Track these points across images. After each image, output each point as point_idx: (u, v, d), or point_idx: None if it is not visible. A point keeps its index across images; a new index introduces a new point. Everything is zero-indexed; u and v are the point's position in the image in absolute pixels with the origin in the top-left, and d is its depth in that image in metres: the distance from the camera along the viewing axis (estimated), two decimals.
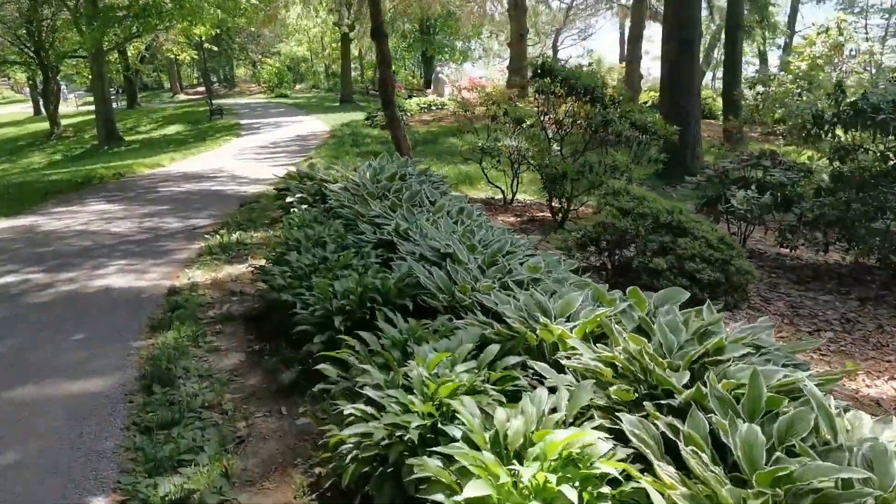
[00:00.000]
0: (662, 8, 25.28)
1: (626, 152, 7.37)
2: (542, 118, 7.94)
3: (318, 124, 27.31)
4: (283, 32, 56.85)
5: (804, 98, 16.56)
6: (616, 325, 3.00)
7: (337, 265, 4.84)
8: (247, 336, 5.27)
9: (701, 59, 16.68)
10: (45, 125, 36.79)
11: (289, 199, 7.49)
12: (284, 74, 59.93)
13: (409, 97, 37.47)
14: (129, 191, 12.34)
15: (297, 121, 29.99)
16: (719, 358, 2.66)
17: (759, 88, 12.95)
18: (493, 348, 2.99)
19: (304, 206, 7.13)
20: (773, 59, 38.59)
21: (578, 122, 7.48)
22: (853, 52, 17.95)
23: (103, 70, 27.08)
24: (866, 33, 31.71)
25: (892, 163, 5.71)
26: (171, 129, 33.22)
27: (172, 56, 48.25)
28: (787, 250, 6.62)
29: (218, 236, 8.10)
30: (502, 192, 9.27)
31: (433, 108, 26.69)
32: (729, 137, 16.31)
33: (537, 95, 7.72)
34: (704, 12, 24.36)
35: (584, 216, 7.89)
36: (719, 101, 25.94)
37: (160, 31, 29.32)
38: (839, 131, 5.76)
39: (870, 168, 5.67)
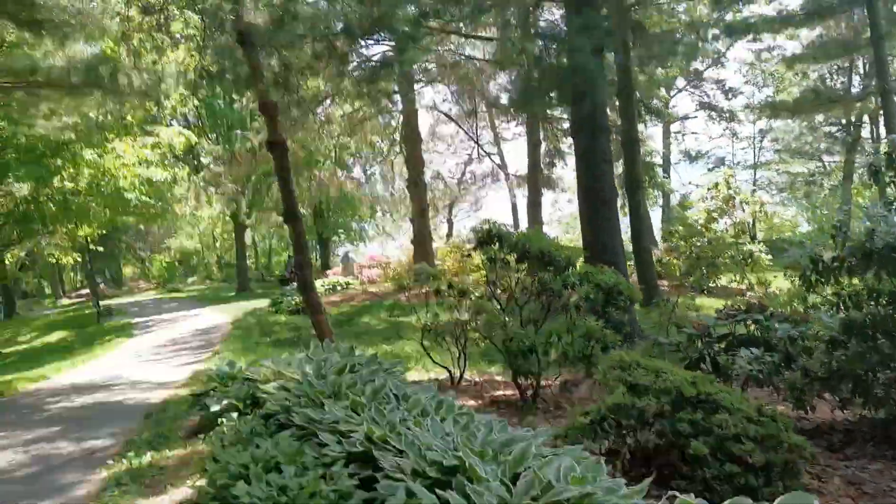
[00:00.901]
0: (559, 174, 26.42)
1: (591, 318, 6.77)
2: (491, 288, 7.31)
3: (217, 316, 25.98)
4: (172, 227, 56.17)
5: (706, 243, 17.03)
6: None
7: (301, 495, 3.77)
8: None
9: None
10: None
11: (214, 408, 6.33)
12: (175, 269, 58.55)
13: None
14: (10, 412, 10.62)
15: (193, 314, 28.54)
16: None
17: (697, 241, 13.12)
18: None
19: (235, 415, 5.99)
20: (655, 215, 40.97)
21: (534, 289, 6.86)
22: (743, 203, 18.86)
23: None
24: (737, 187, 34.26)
25: None
26: (55, 336, 30.78)
27: (54, 260, 46.25)
28: (800, 412, 6.00)
29: (125, 461, 6.72)
30: (449, 372, 8.42)
31: (337, 288, 26.06)
32: (651, 291, 16.32)
33: (487, 263, 7.13)
34: None
35: (555, 391, 7.10)
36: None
37: (43, 235, 27.87)
38: (843, 277, 5.37)
39: (885, 315, 5.23)
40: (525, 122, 23.64)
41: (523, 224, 44.80)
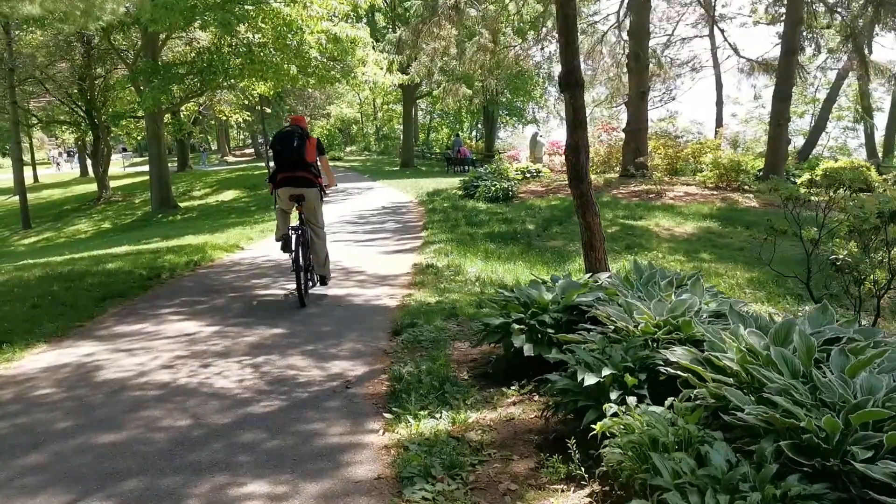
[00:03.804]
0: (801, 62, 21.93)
1: None
2: None
3: (394, 193, 24.22)
4: (334, 94, 54.83)
5: None
6: None
7: None
8: None
9: None
10: (92, 188, 34.35)
11: (588, 381, 3.84)
12: (336, 137, 57.97)
13: (476, 162, 34.19)
14: (214, 293, 8.94)
15: (367, 188, 27.00)
16: None
17: None
18: None
19: (633, 400, 3.52)
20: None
21: None
22: None
23: (160, 131, 24.34)
24: None
25: None
26: (229, 195, 30.40)
27: (223, 118, 46.27)
28: None
29: (411, 417, 4.51)
30: None
31: (527, 175, 23.32)
32: None
33: None
34: None
35: None
36: None
37: (223, 89, 26.71)
38: None
39: None
40: None
41: (729, 120, 39.73)
